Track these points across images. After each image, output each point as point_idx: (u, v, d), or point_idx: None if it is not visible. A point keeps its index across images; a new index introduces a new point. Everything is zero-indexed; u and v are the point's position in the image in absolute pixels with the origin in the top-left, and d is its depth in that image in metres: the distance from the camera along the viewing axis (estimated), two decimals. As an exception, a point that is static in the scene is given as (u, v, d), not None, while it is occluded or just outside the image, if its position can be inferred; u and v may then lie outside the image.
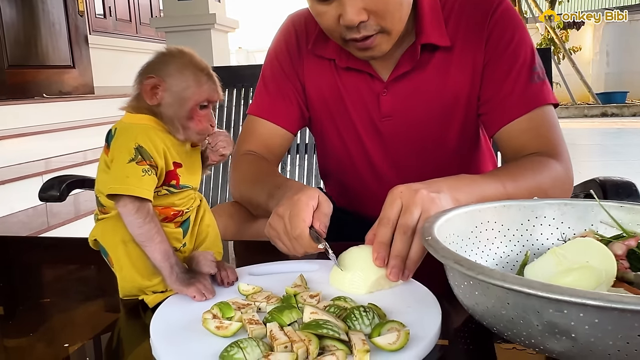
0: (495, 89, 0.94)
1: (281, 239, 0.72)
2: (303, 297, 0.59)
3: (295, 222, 0.69)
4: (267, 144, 1.05)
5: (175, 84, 0.62)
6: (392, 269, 0.62)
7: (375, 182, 1.06)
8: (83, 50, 5.41)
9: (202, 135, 0.65)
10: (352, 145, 1.05)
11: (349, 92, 1.01)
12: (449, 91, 0.97)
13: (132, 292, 0.64)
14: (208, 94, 0.63)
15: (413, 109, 0.99)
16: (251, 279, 0.68)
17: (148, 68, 0.64)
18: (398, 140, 1.02)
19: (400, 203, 0.66)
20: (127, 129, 0.63)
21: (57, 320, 0.65)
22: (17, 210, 2.89)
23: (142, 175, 0.60)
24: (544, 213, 0.68)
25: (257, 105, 1.07)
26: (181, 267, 0.62)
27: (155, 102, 0.63)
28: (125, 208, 0.60)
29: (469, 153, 1.06)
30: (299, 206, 0.70)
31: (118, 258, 0.63)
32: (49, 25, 5.02)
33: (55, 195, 1.29)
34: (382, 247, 0.63)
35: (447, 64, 0.96)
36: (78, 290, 0.75)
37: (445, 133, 1.01)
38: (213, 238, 0.71)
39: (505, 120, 0.93)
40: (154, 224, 0.61)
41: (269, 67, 1.08)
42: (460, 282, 0.51)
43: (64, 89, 5.10)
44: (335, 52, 0.99)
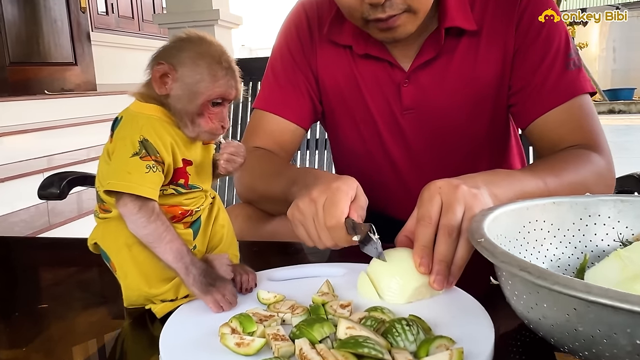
0: (528, 77, 0.87)
1: (307, 225, 0.64)
2: (333, 307, 0.52)
3: (332, 211, 0.61)
4: (277, 140, 0.97)
5: (187, 75, 0.55)
6: (437, 276, 0.54)
7: (394, 181, 0.98)
8: (85, 47, 5.35)
9: (212, 135, 0.57)
10: (370, 141, 0.97)
11: (367, 82, 0.93)
12: (476, 80, 0.89)
13: (138, 301, 0.57)
14: (223, 91, 0.55)
15: (437, 100, 0.91)
16: (271, 285, 0.61)
17: (161, 53, 0.57)
18: (420, 136, 0.94)
19: (440, 200, 0.58)
20: (133, 119, 0.56)
21: (54, 331, 0.59)
22: (19, 208, 2.84)
23: (146, 172, 0.53)
24: (598, 211, 0.61)
25: (265, 99, 0.99)
26: (200, 268, 0.54)
27: (164, 92, 0.55)
28: (126, 208, 0.53)
29: (498, 148, 0.99)
30: (338, 195, 0.62)
31: (122, 264, 0.56)
32: (51, 22, 4.96)
33: (55, 192, 1.22)
34: (426, 250, 0.56)
35: (474, 51, 0.88)
36: (78, 297, 0.68)
37: (472, 127, 0.93)
38: (228, 240, 0.63)
39: (540, 111, 0.86)
40: (161, 222, 0.54)
41: (279, 55, 1.00)
42: (523, 292, 0.43)
43: (66, 86, 5.05)
44: (352, 37, 0.91)
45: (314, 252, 0.77)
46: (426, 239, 0.56)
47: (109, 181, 0.53)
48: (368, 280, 0.57)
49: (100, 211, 0.59)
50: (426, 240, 0.56)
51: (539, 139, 0.88)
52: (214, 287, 0.54)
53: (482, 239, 0.47)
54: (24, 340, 0.55)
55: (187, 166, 0.57)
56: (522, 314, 0.46)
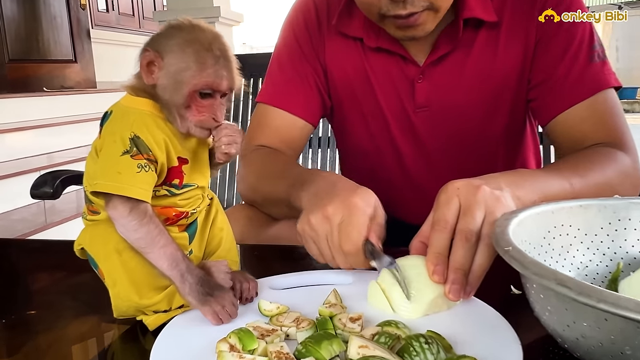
0: (549, 70, 0.82)
1: (320, 244, 0.59)
2: (342, 320, 0.47)
3: (350, 234, 0.56)
4: (283, 137, 0.90)
5: (172, 63, 0.50)
6: (453, 285, 0.49)
7: (406, 182, 0.93)
8: (85, 44, 5.31)
9: (202, 129, 0.52)
10: (379, 140, 0.92)
11: (378, 77, 0.88)
12: (496, 75, 0.84)
13: (128, 312, 0.52)
14: (210, 80, 0.50)
15: (453, 97, 0.86)
16: (273, 294, 0.56)
17: (151, 40, 0.52)
18: (434, 135, 0.89)
19: (458, 202, 0.53)
20: (124, 114, 0.51)
21: (41, 341, 0.54)
22: (19, 206, 2.81)
23: (138, 172, 0.48)
24: (628, 215, 0.56)
25: (270, 92, 0.93)
26: (196, 276, 0.50)
27: (151, 82, 0.51)
28: (115, 210, 0.48)
29: (514, 147, 0.93)
30: (356, 214, 0.57)
31: (110, 271, 0.51)
32: (51, 19, 4.92)
33: (49, 192, 1.17)
34: (441, 258, 0.51)
35: (493, 44, 0.83)
36: (67, 305, 0.63)
37: (489, 125, 0.88)
38: (227, 244, 0.58)
39: (562, 107, 0.80)
40: (154, 225, 0.49)
41: (285, 46, 0.93)
42: (558, 309, 0.39)
43: (65, 83, 5.00)
44: (363, 29, 0.86)
45: (319, 257, 0.73)
46: (441, 244, 0.52)
47: (97, 181, 0.48)
48: (379, 290, 0.52)
49: (89, 213, 0.54)
50: (441, 246, 0.51)
51: (560, 137, 0.83)
52: (213, 297, 0.49)
53: (510, 247, 0.42)
54: (8, 350, 0.51)
55: (183, 165, 0.52)
56: (555, 331, 0.41)
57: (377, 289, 0.53)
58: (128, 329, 0.53)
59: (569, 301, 0.37)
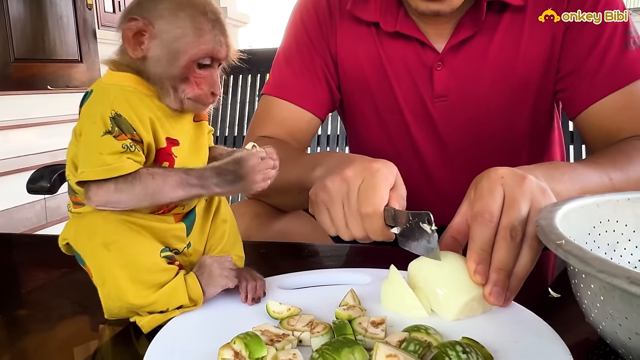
0: (581, 58, 0.76)
1: (334, 209, 0.54)
2: (362, 324, 0.41)
3: (370, 196, 0.51)
4: (289, 129, 0.85)
5: (166, 30, 0.44)
6: (495, 287, 0.43)
7: (421, 179, 0.87)
8: (91, 44, 5.30)
9: (200, 104, 0.47)
10: (395, 133, 0.86)
11: (394, 65, 0.82)
12: (520, 63, 0.78)
13: (120, 313, 0.46)
14: (210, 48, 0.45)
15: (474, 86, 0.80)
16: (283, 295, 0.50)
17: (134, 8, 0.46)
18: (453, 127, 0.83)
19: (503, 192, 0.47)
20: (104, 91, 0.45)
21: (26, 344, 0.49)
22: (21, 203, 2.78)
23: (122, 152, 0.43)
24: (681, 210, 0.50)
25: (277, 84, 0.87)
26: (213, 173, 0.44)
27: (139, 55, 0.45)
28: (97, 196, 0.43)
29: (539, 141, 0.87)
30: (378, 178, 0.52)
31: (98, 268, 0.45)
32: (57, 19, 4.91)
33: (46, 186, 1.11)
34: (484, 255, 0.45)
35: (518, 29, 0.77)
36: (54, 304, 0.57)
37: (513, 116, 0.82)
38: (232, 238, 0.52)
39: (595, 97, 0.75)
40: (146, 179, 0.43)
41: (293, 35, 0.88)
42: (625, 314, 0.32)
43: (70, 83, 4.99)
44: (380, 13, 0.80)
45: (332, 256, 0.67)
46: (485, 240, 0.45)
47: (82, 170, 0.43)
48: (396, 291, 0.46)
49: (73, 205, 0.48)
50: (485, 241, 0.45)
51: (592, 129, 0.77)
52: (243, 174, 0.44)
53: (563, 240, 0.36)
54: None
55: (173, 146, 0.46)
56: (617, 340, 0.35)
57: (398, 288, 0.46)
58: (120, 331, 0.48)
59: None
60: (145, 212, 0.47)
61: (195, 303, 0.46)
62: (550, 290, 0.51)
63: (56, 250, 0.50)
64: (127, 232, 0.45)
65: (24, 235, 1.16)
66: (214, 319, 0.46)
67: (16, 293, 0.62)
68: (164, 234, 0.48)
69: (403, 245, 0.49)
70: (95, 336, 0.49)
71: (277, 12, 15.46)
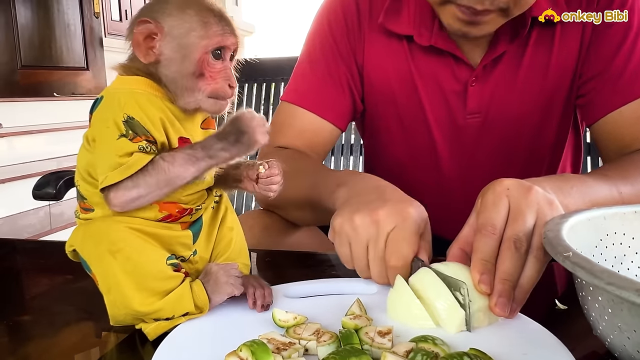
0: (603, 64, 0.75)
1: (357, 249, 0.52)
2: (369, 334, 0.41)
3: (401, 247, 0.50)
4: (308, 140, 0.82)
5: (176, 26, 0.45)
6: (500, 298, 0.43)
7: (438, 192, 0.85)
8: (97, 52, 5.33)
9: (218, 100, 0.47)
10: (419, 147, 0.84)
11: (425, 80, 0.80)
12: (552, 74, 0.77)
13: (126, 320, 0.46)
14: (220, 37, 0.46)
15: (507, 101, 0.78)
16: (289, 303, 0.50)
17: (142, 11, 0.47)
18: (482, 142, 0.81)
19: (507, 204, 0.47)
20: (114, 96, 0.46)
21: (29, 351, 0.48)
22: (26, 209, 2.79)
23: (138, 152, 0.43)
24: (689, 223, 0.50)
25: (298, 91, 0.84)
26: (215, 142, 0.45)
27: (151, 59, 0.45)
28: (117, 198, 0.43)
29: (559, 153, 0.86)
30: (410, 225, 0.51)
31: (104, 275, 0.45)
32: (64, 27, 4.95)
33: (51, 193, 1.12)
34: (488, 266, 0.45)
35: (549, 40, 0.76)
36: (59, 310, 0.57)
37: (542, 132, 0.81)
38: (238, 246, 0.52)
39: (615, 105, 0.74)
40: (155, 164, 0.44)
41: (318, 41, 0.84)
42: (633, 326, 0.32)
43: (77, 90, 5.02)
44: (413, 26, 0.78)
45: (339, 265, 0.66)
46: (488, 251, 0.45)
47: (105, 175, 0.43)
48: (403, 301, 0.46)
49: (81, 211, 0.48)
50: (488, 252, 0.45)
51: (607, 138, 0.76)
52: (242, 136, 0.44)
53: (570, 252, 0.36)
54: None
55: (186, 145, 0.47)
56: (625, 354, 0.34)
57: (405, 299, 0.46)
58: (125, 338, 0.47)
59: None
60: (153, 219, 0.47)
61: (201, 310, 0.46)
62: (557, 302, 0.51)
63: (61, 256, 0.50)
64: (134, 239, 0.45)
65: (29, 241, 1.17)
66: (219, 326, 0.46)
67: (20, 299, 0.62)
68: (171, 242, 0.48)
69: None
70: (100, 343, 0.49)
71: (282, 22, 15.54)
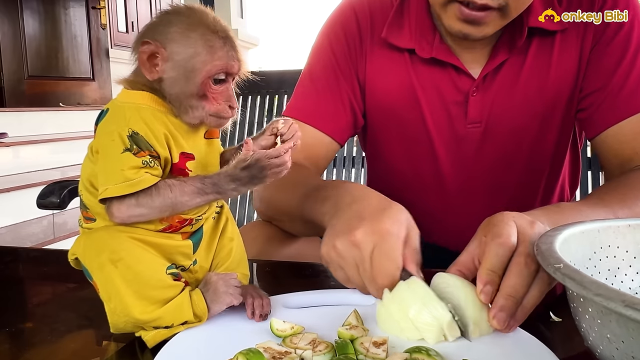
0: (603, 79, 0.76)
1: (349, 272, 0.52)
2: (364, 344, 0.42)
3: (384, 266, 0.50)
4: (308, 153, 0.83)
5: (179, 51, 0.46)
6: (500, 312, 0.43)
7: (440, 201, 0.86)
8: (103, 63, 5.38)
9: (219, 119, 0.48)
10: (420, 157, 0.85)
11: (427, 91, 0.81)
12: (551, 84, 0.78)
13: (126, 328, 0.47)
14: (224, 63, 0.47)
15: (508, 110, 0.79)
16: (287, 313, 0.51)
17: (147, 31, 0.48)
18: (482, 151, 0.82)
19: (516, 226, 0.48)
20: (119, 110, 0.47)
21: (30, 358, 0.49)
22: (29, 218, 2.80)
23: (142, 167, 0.44)
24: (683, 237, 0.50)
25: (299, 106, 0.86)
26: (227, 179, 0.46)
27: (155, 77, 0.46)
28: (120, 212, 0.44)
29: (558, 164, 0.87)
30: (390, 242, 0.50)
31: (105, 284, 0.46)
32: (71, 38, 5.00)
33: (55, 202, 1.13)
34: (494, 277, 0.45)
35: (548, 51, 0.78)
36: (61, 317, 0.58)
37: (540, 140, 0.82)
38: (238, 256, 0.53)
39: (615, 119, 0.75)
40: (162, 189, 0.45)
41: (320, 58, 0.86)
42: (622, 337, 0.33)
43: (82, 100, 5.06)
44: (415, 40, 0.79)
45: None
46: (498, 262, 0.45)
47: (105, 187, 0.44)
48: (389, 312, 0.47)
49: (84, 220, 0.49)
50: (497, 264, 0.45)
51: (608, 152, 0.77)
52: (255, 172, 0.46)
53: (561, 264, 0.36)
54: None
55: (188, 161, 0.48)
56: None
57: (389, 311, 0.47)
58: (125, 345, 0.48)
59: (637, 328, 0.31)
60: (153, 230, 0.48)
61: (200, 319, 0.47)
62: (551, 315, 0.52)
63: (63, 265, 0.51)
64: (134, 248, 0.46)
65: (32, 249, 1.17)
66: (217, 335, 0.46)
67: (23, 306, 0.63)
68: (171, 251, 0.49)
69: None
70: (100, 350, 0.50)
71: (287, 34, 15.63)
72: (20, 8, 4.17)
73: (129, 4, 6.09)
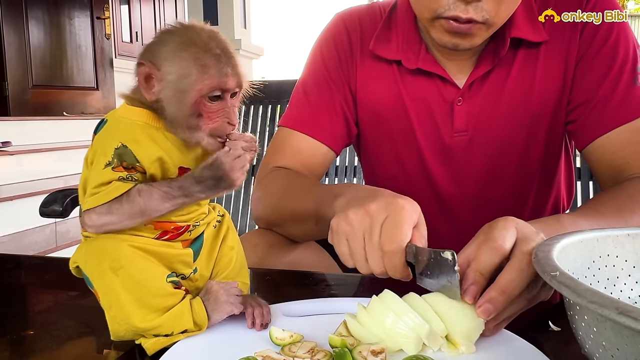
0: (590, 91, 0.77)
1: (354, 242, 0.53)
2: (362, 353, 0.42)
3: (394, 234, 0.50)
4: (305, 161, 0.85)
5: (171, 71, 0.45)
6: (487, 304, 0.44)
7: (436, 208, 0.87)
8: (107, 72, 5.42)
9: (215, 139, 0.47)
10: (411, 166, 0.87)
11: (415, 101, 0.83)
12: (536, 94, 0.80)
13: (126, 335, 0.47)
14: (216, 82, 0.46)
15: (493, 119, 0.81)
16: (286, 322, 0.51)
17: (144, 52, 0.48)
18: (470, 160, 0.84)
19: (516, 232, 0.49)
20: (116, 124, 0.47)
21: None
22: (32, 226, 2.81)
23: (117, 181, 0.45)
24: (681, 246, 0.50)
25: (294, 117, 0.88)
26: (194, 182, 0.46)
27: (152, 97, 0.46)
28: (91, 220, 0.45)
29: (549, 174, 0.88)
30: (403, 215, 0.51)
31: (106, 292, 0.46)
32: (75, 47, 5.04)
33: (58, 210, 1.14)
34: (481, 279, 0.45)
35: (533, 61, 0.79)
36: (62, 325, 0.58)
37: (528, 149, 0.83)
38: (238, 264, 0.54)
39: (602, 130, 0.76)
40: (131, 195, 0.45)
41: (312, 70, 0.89)
42: (616, 344, 0.33)
43: (86, 110, 5.09)
44: (401, 52, 0.82)
45: (337, 284, 0.67)
46: (488, 265, 0.46)
47: (85, 200, 0.45)
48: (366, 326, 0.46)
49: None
50: (487, 267, 0.46)
51: (598, 163, 0.78)
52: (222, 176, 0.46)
53: (557, 272, 0.37)
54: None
55: None
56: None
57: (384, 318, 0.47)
58: (125, 353, 0.49)
59: (631, 335, 0.31)
60: (151, 237, 0.48)
61: (200, 328, 0.48)
62: (550, 324, 0.52)
63: (64, 273, 0.52)
64: (135, 257, 0.46)
65: (34, 257, 1.18)
66: (217, 343, 0.47)
67: (24, 313, 0.64)
68: (171, 259, 0.49)
69: (420, 282, 0.50)
70: (101, 358, 0.50)
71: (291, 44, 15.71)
72: (25, 18, 4.21)
73: (133, 15, 6.14)
